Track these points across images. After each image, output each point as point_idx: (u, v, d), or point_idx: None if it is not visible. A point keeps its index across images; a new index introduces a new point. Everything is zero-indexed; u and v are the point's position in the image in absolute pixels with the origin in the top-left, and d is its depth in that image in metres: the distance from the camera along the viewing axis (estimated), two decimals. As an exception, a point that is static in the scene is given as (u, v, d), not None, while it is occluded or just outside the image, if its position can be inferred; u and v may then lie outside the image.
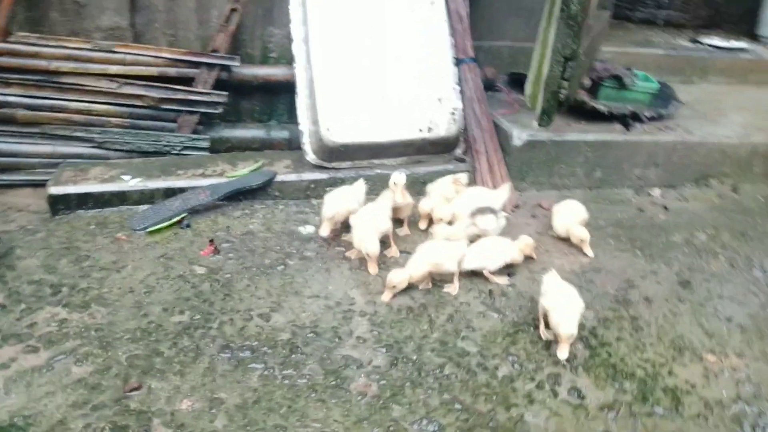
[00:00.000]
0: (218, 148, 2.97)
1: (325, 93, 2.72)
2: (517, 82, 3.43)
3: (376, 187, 2.75)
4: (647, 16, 5.09)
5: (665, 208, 2.92)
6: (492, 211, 2.40)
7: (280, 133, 3.18)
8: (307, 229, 2.56)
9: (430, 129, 2.80)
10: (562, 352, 1.84)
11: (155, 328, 1.90)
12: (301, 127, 2.83)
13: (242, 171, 2.75)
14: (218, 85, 2.89)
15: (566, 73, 2.34)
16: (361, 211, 2.38)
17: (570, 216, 2.50)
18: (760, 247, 2.61)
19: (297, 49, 2.88)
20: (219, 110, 2.90)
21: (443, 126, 2.82)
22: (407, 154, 2.85)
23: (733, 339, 2.02)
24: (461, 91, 2.92)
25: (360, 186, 2.54)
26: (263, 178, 2.73)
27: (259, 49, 3.15)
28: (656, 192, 3.05)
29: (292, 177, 2.77)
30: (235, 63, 2.91)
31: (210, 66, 2.86)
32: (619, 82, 3.13)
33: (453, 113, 2.84)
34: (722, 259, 2.50)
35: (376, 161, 2.83)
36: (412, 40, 2.86)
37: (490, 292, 2.20)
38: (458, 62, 2.96)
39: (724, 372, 1.87)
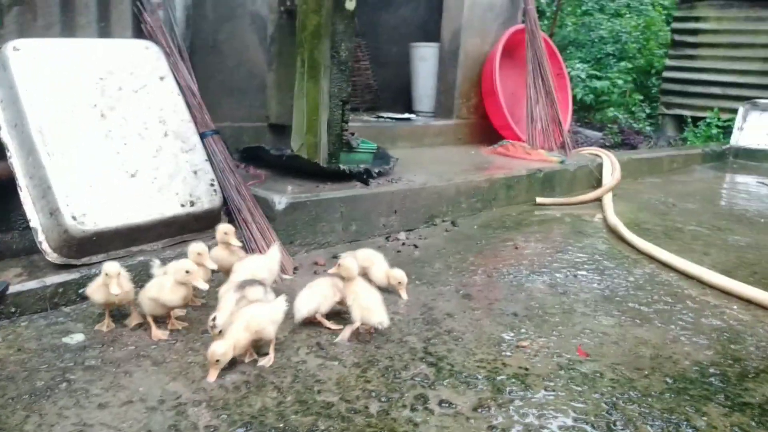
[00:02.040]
0: None
1: (61, 177, 2.31)
2: (252, 156, 3.46)
3: (141, 276, 2.42)
4: (326, 102, 5.69)
5: (415, 246, 3.24)
6: (259, 283, 2.20)
7: (-17, 245, 2.55)
8: (76, 338, 2.08)
9: (192, 203, 2.59)
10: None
11: None
12: (32, 224, 2.34)
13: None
14: None
15: (345, 116, 2.47)
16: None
17: (382, 262, 2.59)
18: (497, 260, 3.09)
19: (6, 135, 2.41)
20: None
21: (206, 198, 2.65)
22: (170, 234, 2.58)
23: (526, 326, 2.32)
24: (213, 164, 2.81)
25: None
26: (-12, 292, 2.13)
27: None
28: (402, 235, 3.37)
29: (31, 284, 2.23)
30: None
31: None
32: (346, 145, 3.42)
33: (212, 184, 2.70)
34: (480, 273, 2.88)
35: (134, 248, 2.49)
36: (151, 115, 2.66)
37: (318, 344, 2.10)
38: (202, 136, 2.85)
39: (540, 351, 2.13)
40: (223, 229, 2.42)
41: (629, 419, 1.75)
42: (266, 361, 1.98)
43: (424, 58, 5.43)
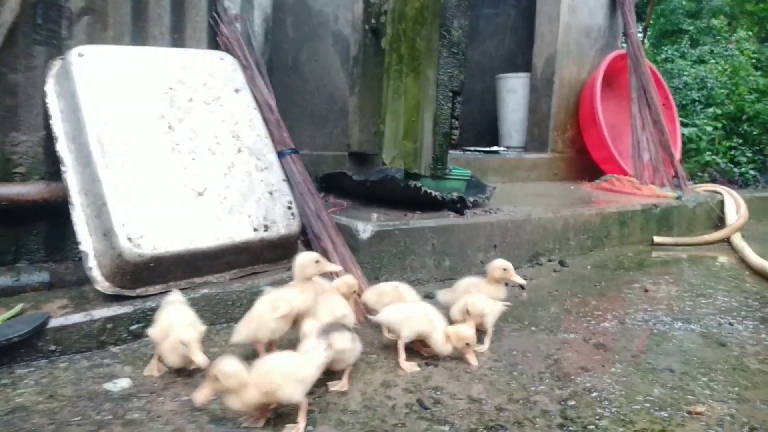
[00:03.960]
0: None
1: (119, 193, 1.99)
2: (333, 184, 3.09)
3: (204, 313, 2.05)
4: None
5: (521, 287, 2.72)
6: (345, 327, 1.75)
7: (36, 276, 2.25)
8: (120, 384, 1.69)
9: (266, 227, 2.21)
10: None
11: None
12: (82, 247, 2.01)
13: (-11, 320, 1.78)
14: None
15: (456, 110, 2.06)
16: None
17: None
18: (626, 304, 2.53)
19: (64, 148, 2.13)
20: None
21: (282, 222, 2.26)
22: (239, 264, 2.20)
23: (691, 386, 1.75)
24: (291, 185, 2.44)
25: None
26: (28, 325, 1.80)
27: (-2, 162, 2.29)
28: (503, 274, 2.87)
29: (75, 318, 1.88)
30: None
31: None
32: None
33: (290, 207, 2.32)
34: (610, 318, 2.33)
35: (198, 279, 2.11)
36: (224, 129, 2.34)
37: (420, 402, 1.61)
38: (280, 155, 2.50)
39: (723, 420, 1.56)
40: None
41: None
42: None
43: (513, 89, 5.02)
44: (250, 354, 1.80)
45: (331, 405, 1.59)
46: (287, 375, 1.45)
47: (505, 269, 2.14)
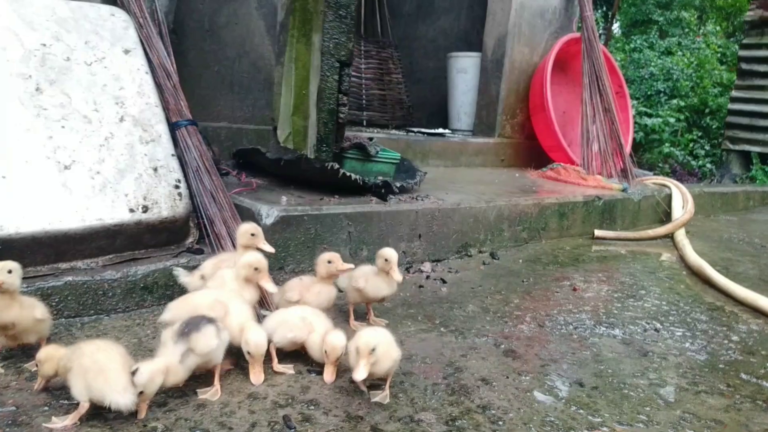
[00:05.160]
0: None
1: (-38, 163, 1.70)
2: (247, 161, 2.83)
3: (69, 303, 1.79)
4: (352, 117, 5.11)
5: (443, 281, 2.53)
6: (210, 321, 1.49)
7: None
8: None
9: (146, 208, 1.95)
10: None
11: None
12: None
13: None
14: None
15: (344, 84, 1.81)
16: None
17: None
18: (550, 304, 2.36)
19: None
20: None
21: (165, 203, 2.00)
22: (114, 249, 1.93)
23: (598, 405, 1.58)
24: (183, 162, 2.18)
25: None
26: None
27: None
28: (427, 266, 2.67)
29: None
30: None
31: None
32: (362, 152, 2.78)
33: (177, 186, 2.06)
34: (528, 321, 2.15)
35: (62, 265, 1.85)
36: (106, 94, 2.05)
37: (285, 418, 1.40)
38: (173, 127, 2.23)
39: (623, 448, 1.39)
40: (248, 230, 1.82)
41: None
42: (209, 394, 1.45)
43: (464, 69, 4.79)
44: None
45: (180, 421, 1.36)
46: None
47: (329, 261, 1.82)
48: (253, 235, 1.80)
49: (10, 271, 1.48)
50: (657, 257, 3.29)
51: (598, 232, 3.53)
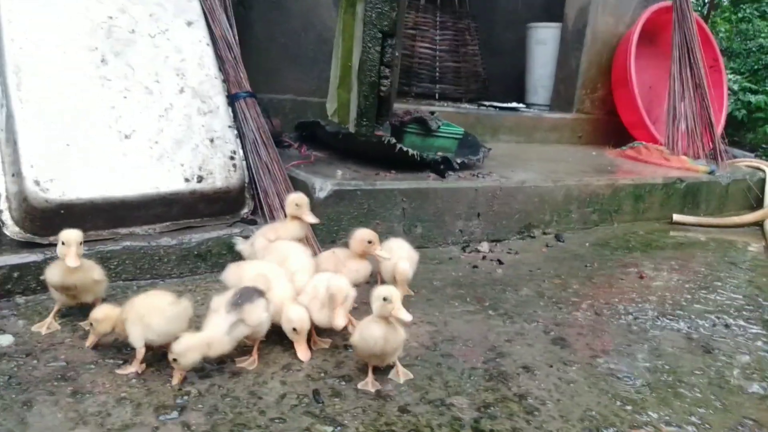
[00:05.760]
0: None
1: (32, 131, 1.80)
2: (308, 134, 2.85)
3: (126, 267, 1.87)
4: (423, 90, 5.02)
5: (499, 262, 2.45)
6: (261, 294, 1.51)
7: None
8: (1, 341, 1.54)
9: (201, 178, 2.00)
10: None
11: None
12: (-7, 188, 1.84)
13: None
14: None
15: (386, 56, 1.76)
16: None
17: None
18: (612, 292, 2.23)
19: (-12, 79, 1.94)
20: None
21: (220, 174, 2.05)
22: (170, 217, 2.00)
23: (647, 402, 1.48)
24: (240, 134, 2.22)
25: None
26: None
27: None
28: (484, 246, 2.59)
29: (-24, 264, 1.73)
30: None
31: None
32: (423, 126, 2.71)
33: (232, 157, 2.09)
34: (584, 308, 2.05)
35: (122, 230, 1.93)
36: (168, 65, 2.11)
37: (315, 392, 1.40)
38: (232, 99, 2.27)
39: (666, 451, 1.30)
40: (294, 200, 1.86)
41: None
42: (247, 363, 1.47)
43: (543, 41, 4.58)
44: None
45: (213, 387, 1.40)
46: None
47: (370, 241, 1.80)
48: (297, 205, 1.81)
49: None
50: (741, 246, 3.04)
51: (676, 217, 3.30)
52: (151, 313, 1.43)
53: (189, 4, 2.25)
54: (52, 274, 1.60)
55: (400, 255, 1.87)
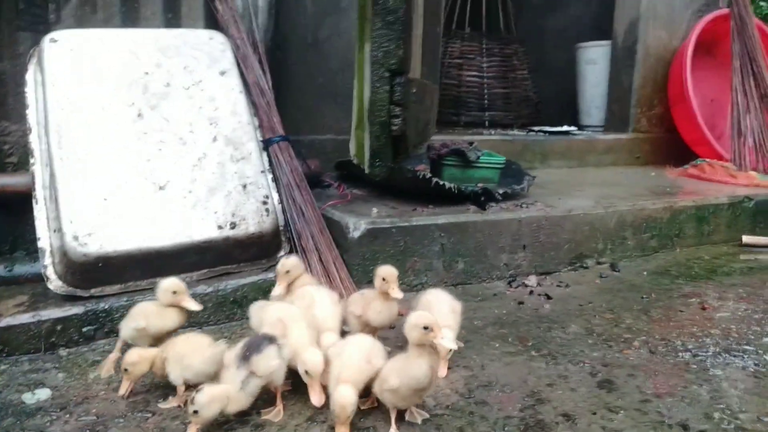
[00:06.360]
0: None
1: (71, 187, 1.88)
2: (349, 173, 2.85)
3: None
4: (473, 119, 4.98)
5: (547, 296, 2.33)
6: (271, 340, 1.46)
7: (29, 268, 2.21)
8: (38, 395, 1.58)
9: (233, 225, 2.02)
10: None
11: None
12: (41, 244, 1.93)
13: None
14: None
15: (396, 95, 1.72)
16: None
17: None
18: (670, 326, 2.07)
19: (35, 140, 2.06)
20: None
21: (252, 219, 2.06)
22: (206, 264, 2.02)
23: (702, 454, 1.34)
24: (274, 178, 2.23)
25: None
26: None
27: (-15, 151, 2.28)
28: (532, 280, 2.49)
29: (24, 318, 1.80)
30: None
31: None
32: (462, 158, 2.65)
33: (265, 202, 2.10)
34: (637, 346, 1.90)
35: (160, 280, 1.96)
36: (201, 116, 2.16)
37: (338, 447, 1.35)
38: (266, 144, 2.29)
39: None
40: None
41: None
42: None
43: (593, 60, 4.44)
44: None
45: (234, 443, 1.37)
46: None
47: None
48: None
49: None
50: (822, 269, 2.78)
51: (746, 239, 3.07)
52: (190, 353, 1.49)
53: (222, 54, 2.31)
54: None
55: (440, 310, 1.72)
